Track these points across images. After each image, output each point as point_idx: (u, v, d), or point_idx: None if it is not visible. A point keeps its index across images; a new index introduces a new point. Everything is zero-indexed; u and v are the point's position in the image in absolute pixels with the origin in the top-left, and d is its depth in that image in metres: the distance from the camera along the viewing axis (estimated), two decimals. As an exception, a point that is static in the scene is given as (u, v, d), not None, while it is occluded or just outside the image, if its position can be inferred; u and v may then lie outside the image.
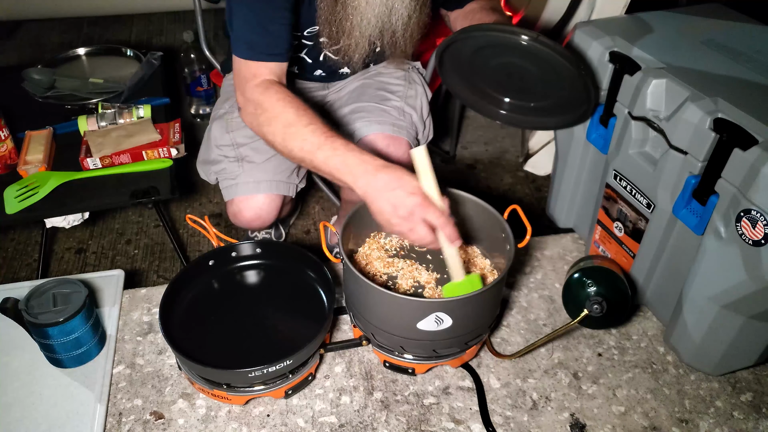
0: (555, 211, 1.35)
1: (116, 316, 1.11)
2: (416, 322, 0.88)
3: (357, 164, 0.92)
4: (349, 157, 0.93)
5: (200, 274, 1.06)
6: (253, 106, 1.03)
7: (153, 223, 1.91)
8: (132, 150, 1.36)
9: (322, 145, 0.95)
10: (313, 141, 0.95)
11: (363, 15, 1.07)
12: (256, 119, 1.03)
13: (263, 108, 1.01)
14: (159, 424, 0.95)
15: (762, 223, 0.83)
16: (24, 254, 1.80)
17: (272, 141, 1.01)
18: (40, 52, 2.87)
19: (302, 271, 1.07)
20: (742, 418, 0.99)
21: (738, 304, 0.92)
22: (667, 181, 0.98)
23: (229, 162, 1.23)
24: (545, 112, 1.11)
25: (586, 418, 0.98)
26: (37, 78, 1.61)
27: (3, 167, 1.35)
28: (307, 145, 0.96)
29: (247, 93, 1.04)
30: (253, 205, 1.21)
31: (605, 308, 0.97)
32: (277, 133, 1.00)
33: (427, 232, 0.88)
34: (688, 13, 1.19)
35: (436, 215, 0.88)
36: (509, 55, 1.01)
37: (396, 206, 0.88)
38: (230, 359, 0.92)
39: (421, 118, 1.31)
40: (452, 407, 0.98)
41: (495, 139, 2.32)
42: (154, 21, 3.10)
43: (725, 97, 0.91)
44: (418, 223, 0.88)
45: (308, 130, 0.96)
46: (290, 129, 0.98)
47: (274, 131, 1.00)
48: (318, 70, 1.31)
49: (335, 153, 0.94)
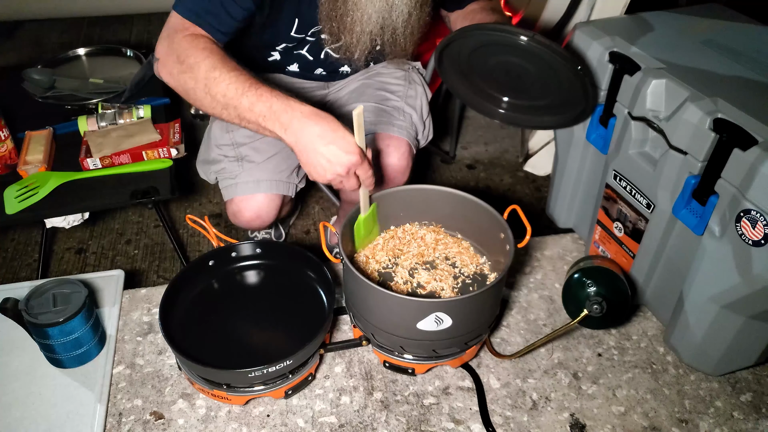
0: (555, 211, 1.35)
1: (116, 316, 1.11)
2: (416, 322, 0.88)
3: (283, 110, 0.90)
4: (275, 103, 0.90)
5: (200, 274, 1.06)
6: (175, 56, 0.98)
7: (153, 223, 1.91)
8: (132, 150, 1.36)
9: (247, 91, 0.92)
10: (237, 87, 0.92)
11: (364, 11, 1.07)
12: (176, 67, 0.98)
13: (186, 55, 0.97)
14: (159, 424, 0.95)
15: (762, 223, 0.83)
16: (24, 254, 1.80)
17: (193, 88, 0.97)
18: (40, 52, 2.87)
19: (302, 271, 1.07)
20: (742, 418, 0.99)
21: (738, 304, 0.92)
22: (667, 182, 0.98)
23: (228, 162, 1.23)
24: (544, 112, 1.11)
25: (585, 418, 0.98)
26: (37, 78, 1.61)
27: (3, 167, 1.35)
28: (230, 91, 0.93)
29: (174, 44, 0.99)
30: (252, 205, 1.21)
31: (605, 308, 0.97)
32: (199, 78, 0.95)
33: (354, 182, 0.93)
34: (688, 13, 1.19)
35: (365, 168, 0.92)
36: (507, 55, 1.01)
37: (332, 162, 0.90)
38: (230, 359, 0.92)
39: (421, 118, 1.31)
40: (452, 407, 0.98)
41: (495, 139, 2.32)
42: (154, 21, 3.10)
43: (725, 97, 0.91)
44: (349, 177, 0.92)
45: (232, 75, 0.94)
46: (213, 73, 0.94)
47: (196, 77, 0.96)
48: (319, 68, 1.31)
49: (260, 99, 0.91)
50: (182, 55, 0.98)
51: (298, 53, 1.26)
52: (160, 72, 1.03)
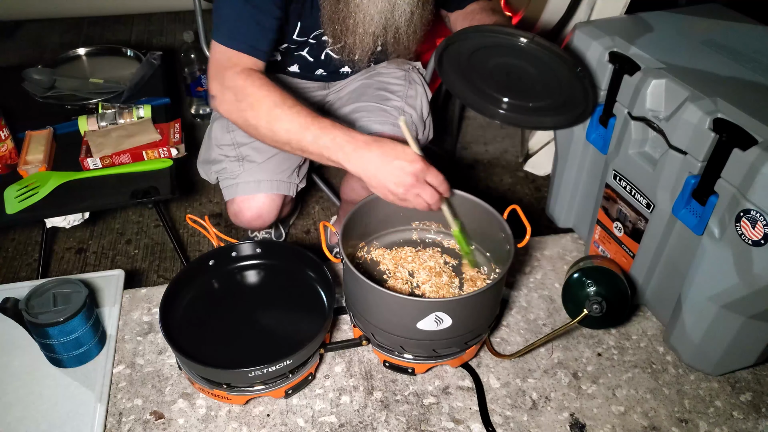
0: (555, 211, 1.35)
1: (116, 316, 1.11)
2: (416, 321, 0.88)
3: (346, 141, 0.92)
4: (338, 135, 0.93)
5: (200, 274, 1.06)
6: (232, 93, 1.00)
7: (153, 223, 1.91)
8: (132, 150, 1.36)
9: (310, 125, 0.94)
10: (299, 122, 0.95)
11: (366, 12, 1.07)
12: (236, 106, 1.00)
13: (245, 94, 0.99)
14: (159, 424, 0.95)
15: (761, 223, 0.83)
16: (24, 254, 1.80)
17: (256, 125, 0.99)
18: (40, 52, 2.87)
19: (302, 271, 1.07)
20: (742, 418, 0.99)
21: (737, 303, 0.92)
22: (667, 181, 0.98)
23: (229, 161, 1.23)
24: (544, 112, 1.11)
25: (585, 418, 0.98)
26: (37, 78, 1.61)
27: (3, 167, 1.35)
28: (294, 126, 0.95)
29: (227, 81, 1.01)
30: (253, 205, 1.21)
31: (605, 308, 0.97)
32: (261, 116, 0.98)
33: (432, 193, 0.93)
34: (688, 13, 1.19)
35: (435, 174, 0.93)
36: (507, 56, 1.01)
37: (400, 176, 0.90)
38: (230, 359, 0.92)
39: (421, 118, 1.31)
40: (452, 407, 0.98)
41: (495, 139, 2.32)
42: (154, 21, 3.09)
43: (725, 97, 0.91)
44: (423, 186, 0.92)
45: (293, 111, 0.96)
46: (275, 111, 0.96)
47: (258, 115, 0.98)
48: (319, 69, 1.31)
49: (323, 132, 0.93)
50: (240, 94, 1.00)
51: (298, 54, 1.26)
52: (217, 108, 1.04)
